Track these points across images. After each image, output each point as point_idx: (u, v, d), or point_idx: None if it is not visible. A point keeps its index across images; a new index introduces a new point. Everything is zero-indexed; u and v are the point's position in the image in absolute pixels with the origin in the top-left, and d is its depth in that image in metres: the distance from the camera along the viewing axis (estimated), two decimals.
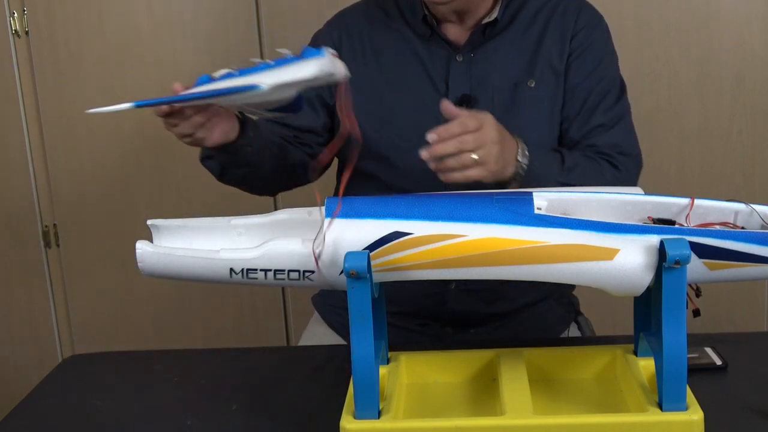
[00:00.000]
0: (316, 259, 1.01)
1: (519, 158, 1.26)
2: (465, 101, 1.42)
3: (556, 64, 1.43)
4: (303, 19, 2.25)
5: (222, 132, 1.25)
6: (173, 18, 2.35)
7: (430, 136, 1.14)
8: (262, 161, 1.38)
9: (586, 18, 1.45)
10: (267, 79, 1.07)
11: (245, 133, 1.30)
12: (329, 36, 1.50)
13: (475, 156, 1.15)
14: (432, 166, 1.16)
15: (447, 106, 1.18)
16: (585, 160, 1.38)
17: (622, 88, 1.48)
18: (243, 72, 1.10)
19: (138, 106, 1.11)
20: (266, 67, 1.09)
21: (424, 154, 1.14)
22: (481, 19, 1.43)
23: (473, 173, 1.16)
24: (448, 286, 1.45)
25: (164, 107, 1.16)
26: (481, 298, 1.45)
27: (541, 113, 1.44)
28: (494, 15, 1.42)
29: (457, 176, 1.16)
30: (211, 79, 1.12)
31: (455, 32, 1.45)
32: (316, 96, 1.47)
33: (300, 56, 1.09)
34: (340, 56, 1.48)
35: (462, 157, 1.15)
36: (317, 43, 1.50)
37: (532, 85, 1.42)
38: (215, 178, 1.43)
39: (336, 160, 1.54)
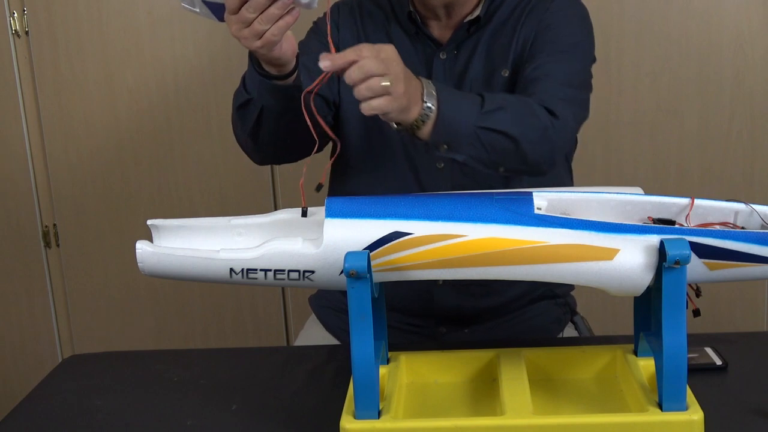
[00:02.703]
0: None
1: (424, 99, 1.16)
2: None
3: (528, 50, 1.42)
4: (303, 18, 2.25)
5: (291, 48, 1.16)
6: (173, 17, 2.34)
7: (323, 63, 1.08)
8: (299, 116, 1.21)
9: (558, 3, 1.44)
10: None
11: (298, 77, 1.22)
12: (332, 21, 1.49)
13: (385, 82, 1.08)
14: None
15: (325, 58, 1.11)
16: (514, 99, 1.28)
17: (587, 60, 1.42)
18: None
19: None
20: None
21: (325, 63, 1.08)
22: (465, 17, 1.44)
23: (380, 102, 1.09)
24: (435, 281, 1.44)
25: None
26: (469, 293, 1.45)
27: None
28: (477, 12, 1.44)
29: (364, 106, 1.10)
30: None
31: (439, 30, 1.46)
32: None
33: None
34: (339, 43, 1.48)
35: (371, 82, 1.08)
36: (320, 27, 1.50)
37: (506, 75, 1.43)
38: (245, 133, 1.33)
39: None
